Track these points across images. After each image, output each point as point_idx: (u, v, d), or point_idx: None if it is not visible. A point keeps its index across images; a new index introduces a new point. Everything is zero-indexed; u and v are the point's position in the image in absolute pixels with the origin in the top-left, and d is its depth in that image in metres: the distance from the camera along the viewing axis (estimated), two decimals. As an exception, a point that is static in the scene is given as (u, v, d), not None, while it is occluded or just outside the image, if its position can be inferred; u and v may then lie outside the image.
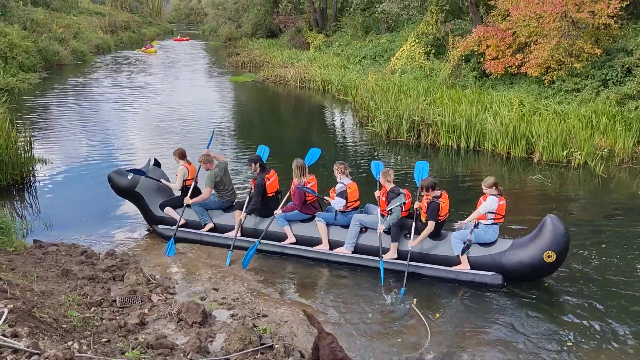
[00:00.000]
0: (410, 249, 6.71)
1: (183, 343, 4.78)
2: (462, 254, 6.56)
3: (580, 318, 5.91)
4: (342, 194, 7.11)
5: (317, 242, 7.26)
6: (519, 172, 11.59)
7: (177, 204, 7.86)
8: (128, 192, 7.89)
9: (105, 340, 4.55)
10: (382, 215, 6.97)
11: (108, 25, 48.01)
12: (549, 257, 6.30)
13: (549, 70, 15.03)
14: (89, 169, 11.37)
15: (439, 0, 20.21)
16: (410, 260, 6.71)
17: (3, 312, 3.19)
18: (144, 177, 7.80)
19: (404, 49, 21.53)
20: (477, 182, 10.80)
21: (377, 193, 7.26)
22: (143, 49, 41.45)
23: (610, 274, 6.90)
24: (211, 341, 4.94)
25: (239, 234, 7.45)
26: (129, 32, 52.69)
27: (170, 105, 19.19)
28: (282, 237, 7.39)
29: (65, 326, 4.52)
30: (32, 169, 10.68)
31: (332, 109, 20.02)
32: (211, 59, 38.94)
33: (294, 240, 7.35)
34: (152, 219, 7.92)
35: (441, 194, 6.81)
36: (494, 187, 6.69)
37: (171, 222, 7.78)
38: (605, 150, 11.94)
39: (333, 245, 7.17)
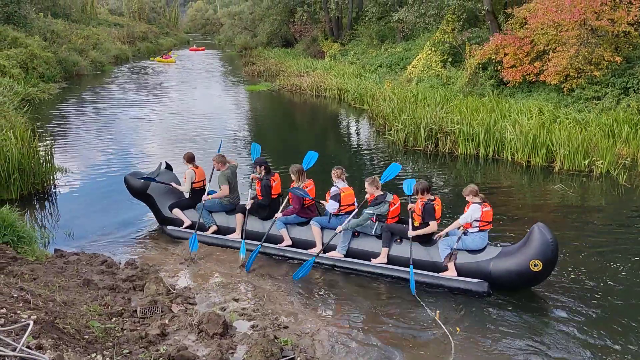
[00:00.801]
0: (409, 237, 6.82)
1: (204, 355, 4.75)
2: (447, 261, 6.59)
3: (604, 334, 5.77)
4: (336, 197, 7.31)
5: (313, 245, 7.41)
6: (540, 182, 11.44)
7: (184, 205, 8.23)
8: (141, 193, 8.41)
9: (127, 351, 4.53)
10: (372, 222, 7.14)
11: (126, 36, 48.72)
12: (535, 265, 6.28)
13: (568, 78, 14.88)
14: (108, 177, 11.43)
15: (455, 9, 20.15)
16: (399, 265, 6.87)
17: (29, 325, 3.18)
18: (158, 180, 8.27)
19: (420, 58, 21.49)
20: (496, 192, 10.76)
21: (367, 196, 7.26)
22: (159, 57, 41.92)
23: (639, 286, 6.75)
24: (232, 353, 4.90)
25: (241, 237, 7.70)
26: (147, 43, 53.38)
27: (187, 114, 19.33)
28: (280, 240, 7.62)
29: (87, 337, 4.52)
30: (53, 178, 10.77)
31: (348, 118, 20.00)
32: (227, 68, 39.22)
33: (290, 242, 7.55)
34: (161, 219, 8.40)
35: (435, 198, 6.94)
36: (472, 194, 6.71)
37: (179, 222, 8.18)
38: (628, 159, 11.75)
39: (327, 248, 7.28)
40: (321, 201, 7.75)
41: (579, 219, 9.19)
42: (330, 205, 7.31)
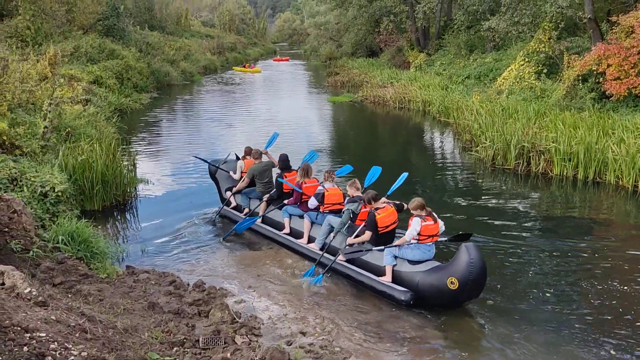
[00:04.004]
0: (342, 247, 7.41)
1: (264, 399, 4.37)
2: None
3: None
4: (317, 196, 8.06)
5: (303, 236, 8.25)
6: (649, 209, 10.21)
7: (236, 190, 9.67)
8: (212, 177, 10.21)
9: (183, 390, 4.24)
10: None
11: (216, 46, 50.36)
12: (452, 283, 6.26)
13: (683, 93, 13.34)
14: (190, 189, 11.47)
15: (553, 17, 18.79)
16: (353, 265, 7.27)
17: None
18: (221, 167, 10.02)
19: (511, 69, 20.27)
20: (596, 218, 9.70)
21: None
22: (241, 67, 42.98)
23: None
24: (294, 398, 4.49)
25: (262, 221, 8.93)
26: (235, 53, 54.94)
27: (269, 124, 19.38)
28: (283, 227, 8.55)
29: (143, 372, 4.27)
30: (135, 189, 10.94)
31: (432, 132, 19.23)
32: (311, 78, 39.41)
33: (289, 231, 8.45)
34: (222, 200, 9.92)
35: (384, 207, 7.17)
36: (418, 209, 6.79)
37: (234, 205, 9.61)
38: None
39: (311, 240, 8.04)
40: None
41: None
42: (310, 202, 8.11)
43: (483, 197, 11.02)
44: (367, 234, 7.12)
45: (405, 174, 8.30)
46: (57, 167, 9.10)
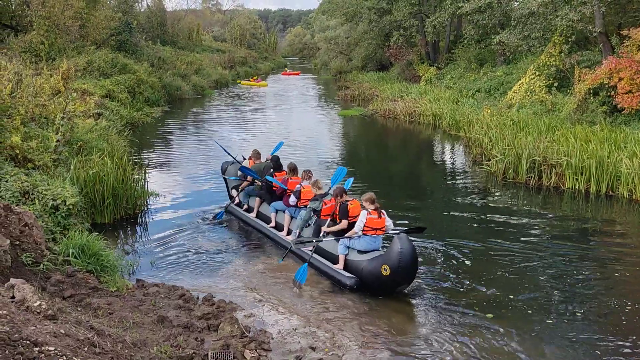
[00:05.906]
0: (323, 231, 8.10)
1: (273, 415, 4.32)
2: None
3: None
4: (296, 193, 9.02)
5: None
6: (663, 224, 10.07)
7: (239, 188, 10.73)
8: (223, 175, 11.40)
9: (191, 406, 4.20)
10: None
11: (227, 61, 50.75)
12: (385, 270, 7.00)
13: (696, 106, 13.22)
14: (200, 202, 11.45)
15: (563, 31, 18.76)
16: (317, 254, 8.07)
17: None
18: (230, 166, 11.18)
19: (522, 82, 20.24)
20: (609, 232, 9.59)
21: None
22: (247, 81, 43.33)
23: None
24: (303, 415, 4.43)
25: (255, 215, 10.03)
26: (246, 67, 55.32)
27: (281, 137, 19.35)
28: (270, 220, 9.58)
29: (151, 387, 4.24)
30: (145, 202, 10.97)
31: (442, 145, 19.18)
32: (321, 92, 39.56)
33: (274, 224, 9.44)
34: (230, 197, 11.02)
35: (353, 199, 8.07)
36: (368, 202, 7.54)
37: (237, 202, 10.64)
38: None
39: (290, 233, 8.92)
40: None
41: None
42: (290, 199, 9.05)
43: (494, 210, 10.94)
44: (344, 222, 7.87)
45: (344, 169, 9.42)
46: (68, 180, 9.17)
